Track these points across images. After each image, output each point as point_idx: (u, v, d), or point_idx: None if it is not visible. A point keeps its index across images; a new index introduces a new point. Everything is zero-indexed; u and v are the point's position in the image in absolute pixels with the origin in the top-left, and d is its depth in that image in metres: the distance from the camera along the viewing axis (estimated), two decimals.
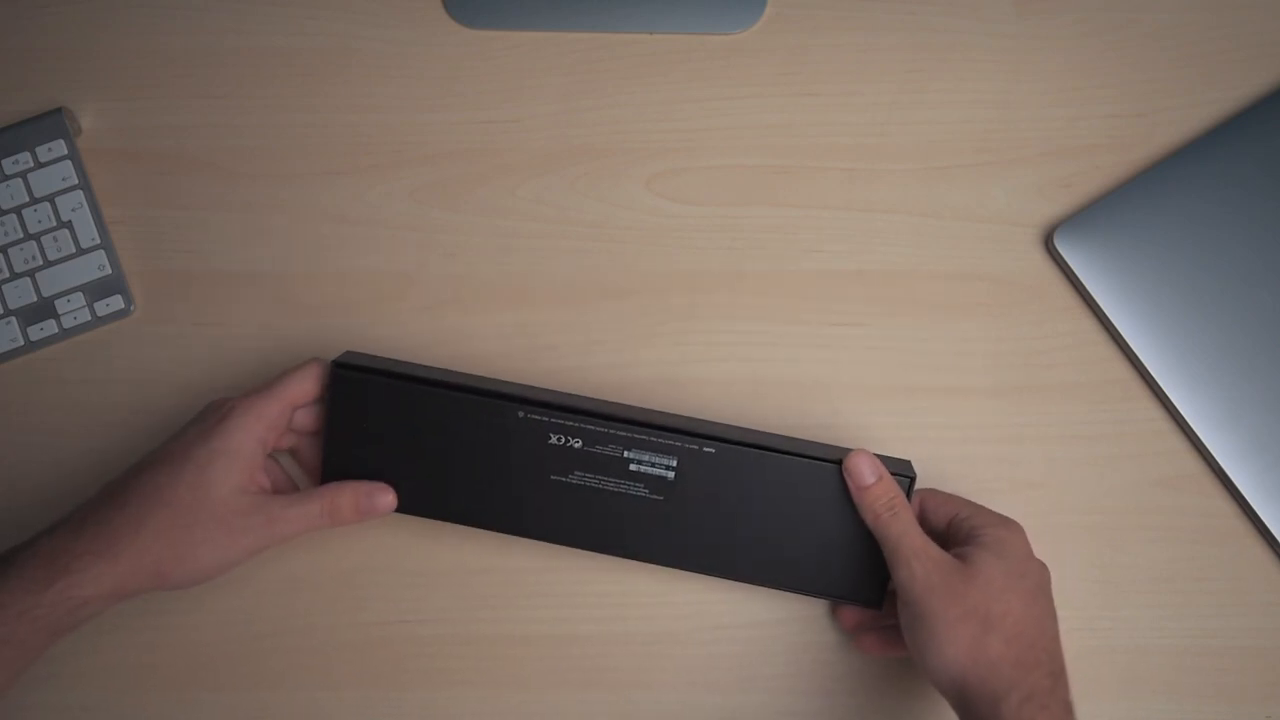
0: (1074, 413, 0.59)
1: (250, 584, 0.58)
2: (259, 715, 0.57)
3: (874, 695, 0.57)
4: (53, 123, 0.61)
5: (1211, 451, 0.57)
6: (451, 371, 0.58)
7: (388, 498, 0.54)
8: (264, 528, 0.52)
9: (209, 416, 0.53)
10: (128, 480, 0.51)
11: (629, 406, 0.57)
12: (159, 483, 0.50)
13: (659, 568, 0.58)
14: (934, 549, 0.51)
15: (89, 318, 0.60)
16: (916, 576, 0.50)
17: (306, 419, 0.56)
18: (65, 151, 0.61)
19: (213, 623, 0.58)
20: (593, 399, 0.58)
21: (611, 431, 0.54)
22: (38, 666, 0.50)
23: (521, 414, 0.54)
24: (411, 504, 0.55)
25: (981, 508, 0.54)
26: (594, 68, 0.64)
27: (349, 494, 0.54)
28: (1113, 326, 0.59)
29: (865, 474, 0.53)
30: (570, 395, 0.57)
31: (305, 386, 0.55)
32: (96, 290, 0.61)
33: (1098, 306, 0.59)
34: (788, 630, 0.58)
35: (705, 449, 0.54)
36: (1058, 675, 0.49)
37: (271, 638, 0.58)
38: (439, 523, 0.57)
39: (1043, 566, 0.52)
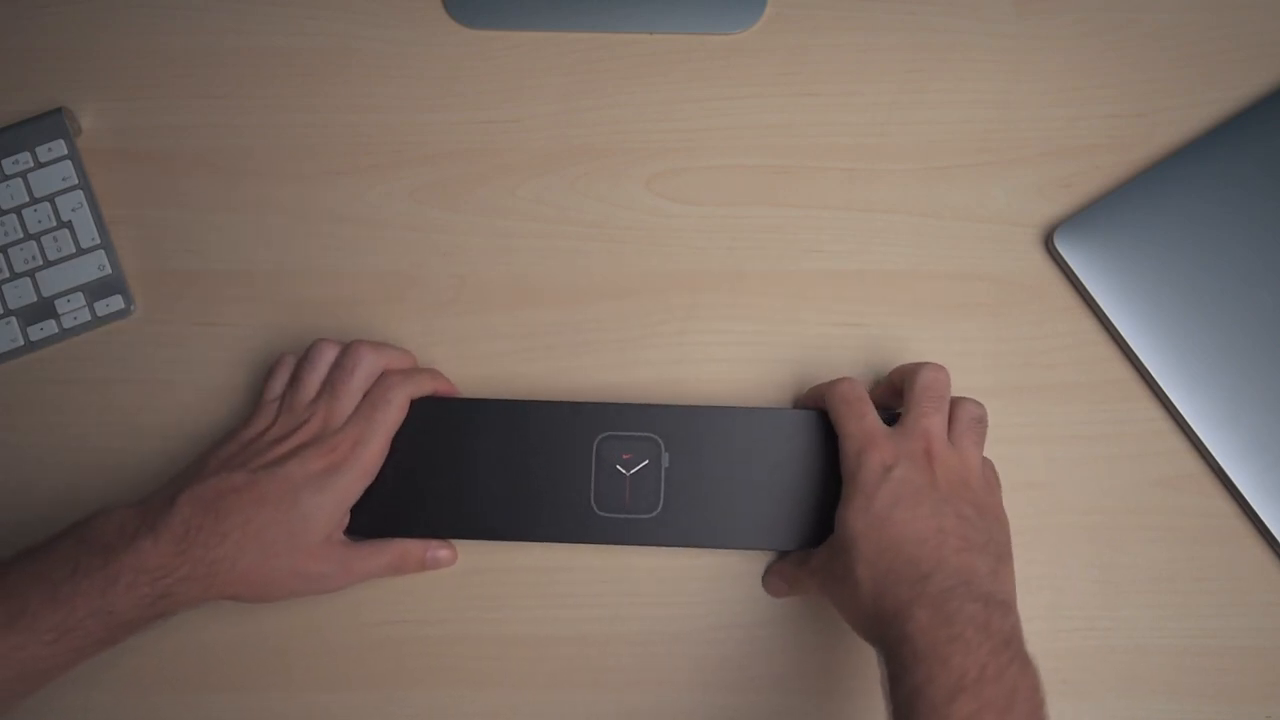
0: (1074, 413, 0.59)
1: None
2: (260, 715, 0.57)
3: (874, 695, 0.57)
4: (53, 123, 0.61)
5: (1211, 451, 0.57)
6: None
7: (446, 553, 0.57)
8: (339, 577, 0.54)
9: (313, 457, 0.53)
10: (228, 502, 0.51)
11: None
12: (262, 523, 0.51)
13: (659, 567, 0.58)
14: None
15: (89, 318, 0.60)
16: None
17: None
18: (65, 151, 0.61)
19: (214, 623, 0.58)
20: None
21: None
22: None
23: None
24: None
25: (843, 425, 0.53)
26: (594, 68, 0.64)
27: (416, 552, 0.56)
28: (1113, 326, 0.59)
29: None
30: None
31: (400, 419, 0.56)
32: (96, 290, 0.61)
33: (1098, 306, 0.59)
34: (788, 630, 0.58)
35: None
36: (926, 574, 0.47)
37: (272, 638, 0.58)
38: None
39: (910, 466, 0.50)
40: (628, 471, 0.56)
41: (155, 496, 0.52)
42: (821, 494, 0.55)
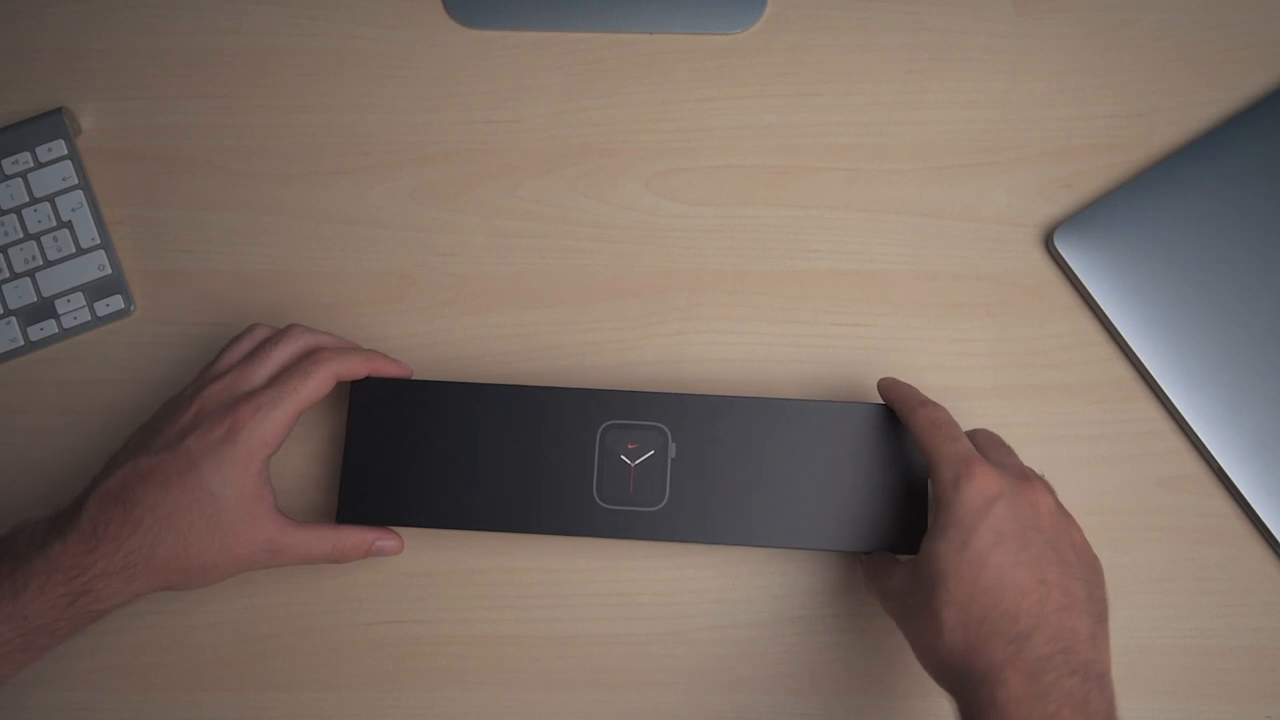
0: (1074, 413, 0.59)
1: (250, 585, 0.58)
2: (259, 715, 0.57)
3: (873, 695, 0.57)
4: (53, 123, 0.61)
5: (1211, 451, 0.57)
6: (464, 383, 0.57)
7: (392, 543, 0.55)
8: (268, 558, 0.52)
9: (212, 425, 0.50)
10: (135, 492, 0.49)
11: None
12: (172, 506, 0.49)
13: (659, 567, 0.58)
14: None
15: (89, 318, 0.60)
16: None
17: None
18: (65, 151, 0.61)
19: (213, 623, 0.58)
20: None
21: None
22: (37, 666, 0.50)
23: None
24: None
25: (935, 449, 0.48)
26: (594, 68, 0.64)
27: (357, 540, 0.54)
28: (1113, 326, 0.59)
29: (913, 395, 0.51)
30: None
31: (319, 393, 0.52)
32: (96, 290, 0.61)
33: (1098, 306, 0.59)
34: (787, 630, 0.58)
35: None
36: (1027, 634, 0.43)
37: (272, 638, 0.58)
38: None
39: (1013, 501, 0.46)
40: (633, 462, 0.54)
41: (69, 503, 0.51)
42: (841, 491, 0.53)
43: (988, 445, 0.50)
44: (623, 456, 0.54)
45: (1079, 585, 0.45)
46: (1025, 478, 0.47)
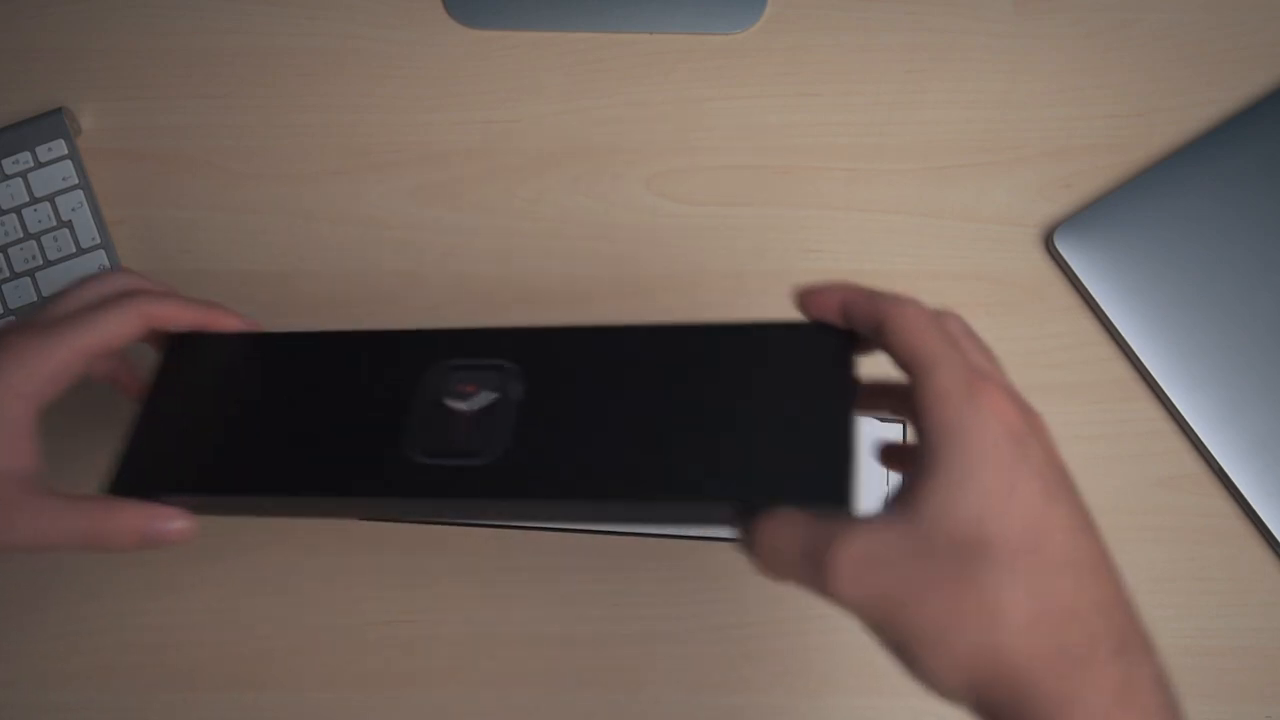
0: (1074, 413, 0.59)
1: (247, 584, 0.58)
2: (259, 715, 0.57)
3: (872, 695, 0.57)
4: (53, 123, 0.61)
5: (1211, 451, 0.57)
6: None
7: (179, 524, 0.41)
8: (4, 536, 0.40)
9: None
10: None
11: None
12: None
13: (659, 567, 0.58)
14: None
15: None
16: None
17: (103, 369, 0.45)
18: (65, 151, 0.61)
19: (209, 623, 0.58)
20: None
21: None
22: (37, 665, 0.50)
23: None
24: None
25: (937, 356, 0.35)
26: (594, 68, 0.64)
27: (129, 518, 0.41)
28: (1113, 326, 0.59)
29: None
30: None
31: (116, 333, 0.42)
32: None
33: (1098, 306, 0.59)
34: (787, 630, 0.58)
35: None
36: (1124, 644, 0.32)
37: (268, 639, 0.58)
38: (436, 522, 0.58)
39: (1042, 457, 0.34)
40: (466, 407, 0.41)
41: None
42: (729, 430, 0.37)
43: (966, 342, 0.37)
44: (454, 402, 0.41)
45: (1092, 556, 0.33)
46: (1028, 406, 0.36)
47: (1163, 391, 0.58)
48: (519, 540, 0.58)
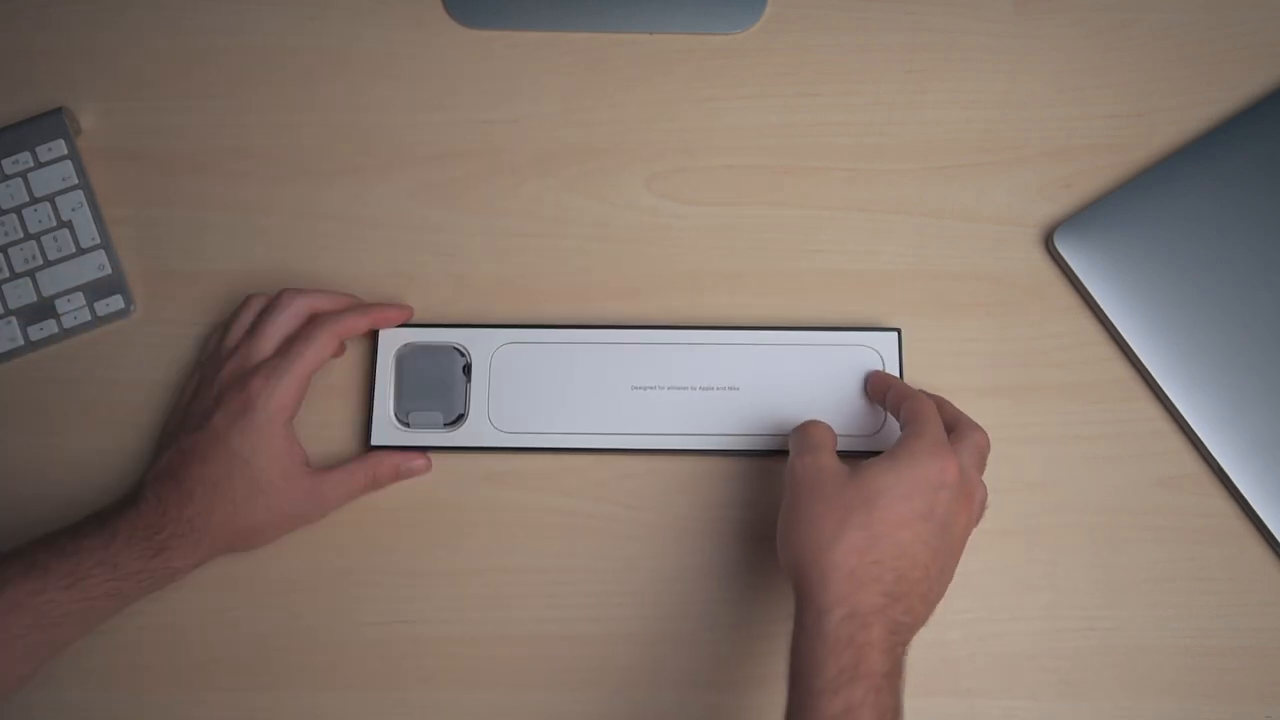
0: (1074, 413, 0.59)
1: (249, 584, 0.58)
2: (259, 715, 0.57)
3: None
4: (53, 123, 0.61)
5: (1211, 451, 0.57)
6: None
7: (420, 461, 0.58)
8: (313, 505, 0.56)
9: (230, 400, 0.55)
10: (182, 469, 0.54)
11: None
12: (216, 477, 0.54)
13: (659, 567, 0.58)
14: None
15: (89, 318, 0.60)
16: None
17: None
18: (65, 151, 0.61)
19: (212, 623, 0.58)
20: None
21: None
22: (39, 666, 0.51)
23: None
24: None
25: (916, 405, 0.52)
26: (594, 68, 0.64)
27: (388, 465, 0.58)
28: (1113, 326, 0.59)
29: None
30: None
31: (322, 355, 0.56)
32: (96, 290, 0.61)
33: (1098, 306, 0.59)
34: (787, 630, 0.58)
35: None
36: (897, 597, 0.47)
37: (270, 638, 0.58)
38: (436, 522, 0.58)
39: (955, 497, 0.49)
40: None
41: (132, 487, 0.57)
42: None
43: (971, 453, 0.52)
44: None
45: (939, 591, 0.50)
46: (972, 492, 0.51)
47: (1162, 391, 0.58)
48: (519, 540, 0.58)
